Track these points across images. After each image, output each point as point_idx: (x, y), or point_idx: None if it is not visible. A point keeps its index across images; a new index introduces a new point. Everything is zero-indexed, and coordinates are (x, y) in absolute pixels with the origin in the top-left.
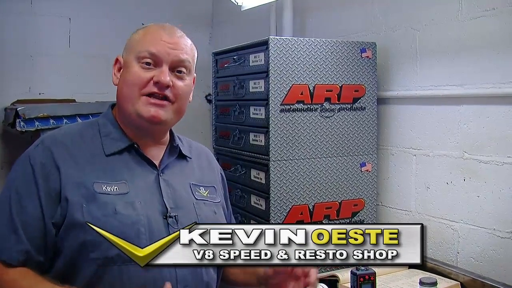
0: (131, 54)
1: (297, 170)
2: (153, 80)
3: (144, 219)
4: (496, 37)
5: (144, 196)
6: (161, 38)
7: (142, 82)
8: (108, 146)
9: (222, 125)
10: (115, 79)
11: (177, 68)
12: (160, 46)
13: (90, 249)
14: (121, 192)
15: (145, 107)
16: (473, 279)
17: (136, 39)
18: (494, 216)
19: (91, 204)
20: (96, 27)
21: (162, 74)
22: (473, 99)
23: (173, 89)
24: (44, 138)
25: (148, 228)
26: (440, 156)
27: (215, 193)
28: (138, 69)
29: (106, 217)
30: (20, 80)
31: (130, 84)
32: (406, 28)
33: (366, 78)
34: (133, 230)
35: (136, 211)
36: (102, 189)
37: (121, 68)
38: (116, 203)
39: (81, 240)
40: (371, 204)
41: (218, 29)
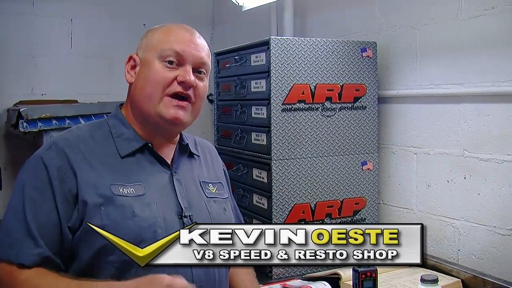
0: (152, 53)
1: (298, 169)
2: (177, 80)
3: (161, 221)
4: (495, 36)
5: (160, 197)
6: (185, 38)
7: (167, 82)
8: (123, 147)
9: (224, 125)
10: (128, 77)
11: (198, 68)
12: (185, 45)
13: (109, 252)
14: (138, 194)
15: (167, 109)
16: (474, 276)
17: (157, 38)
18: (494, 213)
19: (109, 206)
20: (98, 28)
21: (187, 74)
22: (473, 97)
23: (195, 89)
24: (56, 140)
25: (165, 229)
26: (441, 154)
27: (222, 188)
28: (161, 68)
29: (124, 220)
30: (22, 81)
31: (154, 83)
32: (406, 27)
33: (367, 77)
34: (150, 232)
35: (153, 213)
36: (120, 191)
37: (135, 66)
38: (134, 206)
39: (100, 244)
40: (372, 202)
41: (219, 29)
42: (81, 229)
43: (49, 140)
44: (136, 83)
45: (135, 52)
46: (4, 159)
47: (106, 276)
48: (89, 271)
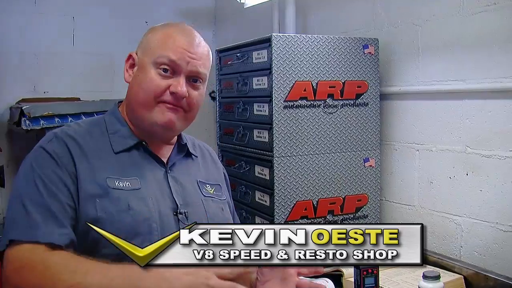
0: (149, 56)
1: (301, 166)
2: (169, 90)
3: (156, 215)
4: (497, 32)
5: (155, 193)
6: (182, 46)
7: (159, 90)
8: (117, 143)
9: (226, 122)
10: (127, 76)
11: (193, 77)
12: (180, 54)
13: (103, 244)
14: (134, 187)
15: (160, 114)
16: (476, 272)
17: (155, 41)
18: (497, 210)
19: (104, 199)
20: (100, 25)
21: (179, 85)
22: (475, 93)
23: (187, 99)
24: (56, 133)
25: (160, 224)
26: (443, 151)
27: (220, 190)
28: (154, 75)
29: (119, 213)
30: (25, 79)
31: (147, 90)
32: (408, 24)
33: (369, 74)
34: (145, 226)
35: (148, 207)
36: (115, 184)
37: (134, 65)
38: (129, 199)
39: (94, 236)
40: (374, 199)
41: (221, 26)
42: (77, 219)
43: (49, 133)
44: (132, 85)
45: (136, 49)
46: (7, 157)
47: None
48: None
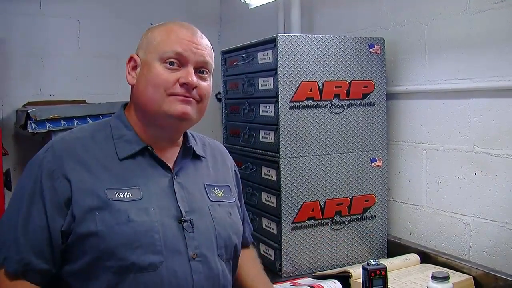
0: (153, 54)
1: (307, 167)
2: (179, 82)
3: (159, 226)
4: (505, 30)
5: (158, 202)
6: (186, 38)
7: (169, 84)
8: (122, 149)
9: (232, 123)
10: (129, 78)
11: (200, 68)
12: (186, 45)
13: (105, 258)
14: (134, 198)
15: (173, 106)
16: (485, 273)
17: (158, 37)
18: (506, 209)
19: (104, 212)
20: (105, 27)
21: (189, 75)
22: (483, 92)
23: (198, 90)
24: (54, 143)
25: (162, 235)
26: (451, 150)
27: (229, 192)
28: (162, 70)
29: (119, 225)
30: (30, 82)
31: (155, 85)
32: (414, 22)
33: (375, 73)
34: (147, 237)
35: (150, 217)
36: (115, 196)
37: (136, 67)
38: (129, 210)
39: (95, 249)
40: (382, 199)
41: (226, 27)
42: (77, 233)
43: (49, 142)
44: (138, 85)
45: (136, 51)
46: (13, 160)
47: (103, 280)
48: (84, 274)
